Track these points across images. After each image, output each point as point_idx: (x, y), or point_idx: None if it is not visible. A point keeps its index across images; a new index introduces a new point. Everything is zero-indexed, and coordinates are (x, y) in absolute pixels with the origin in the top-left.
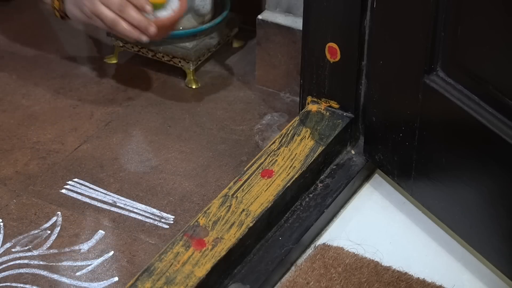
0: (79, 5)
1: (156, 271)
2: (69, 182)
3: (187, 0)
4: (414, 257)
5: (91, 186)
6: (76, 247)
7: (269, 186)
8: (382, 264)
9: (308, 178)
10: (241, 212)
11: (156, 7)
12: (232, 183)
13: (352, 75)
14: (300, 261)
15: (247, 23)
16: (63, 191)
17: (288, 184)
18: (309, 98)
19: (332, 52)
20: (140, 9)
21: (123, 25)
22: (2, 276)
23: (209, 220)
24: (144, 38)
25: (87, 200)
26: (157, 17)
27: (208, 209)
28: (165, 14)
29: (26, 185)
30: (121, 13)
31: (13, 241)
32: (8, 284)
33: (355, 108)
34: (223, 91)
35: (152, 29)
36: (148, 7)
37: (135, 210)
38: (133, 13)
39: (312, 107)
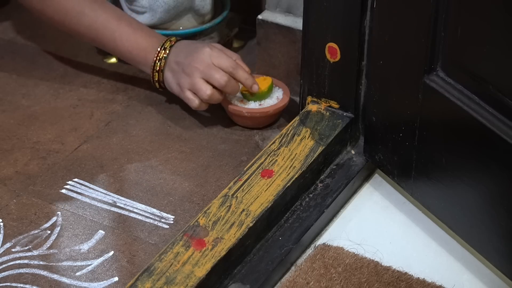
0: (177, 77)
1: (156, 271)
2: (69, 182)
3: (289, 92)
4: (414, 257)
5: (91, 186)
6: (76, 247)
7: (269, 186)
8: (382, 264)
9: (308, 178)
10: (241, 212)
11: (263, 94)
12: (232, 183)
13: (352, 75)
14: (300, 261)
15: (247, 23)
16: (63, 191)
17: (288, 184)
18: (309, 98)
19: (332, 52)
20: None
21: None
22: (2, 276)
23: (209, 220)
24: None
25: (87, 200)
26: (262, 105)
27: (208, 209)
28: (270, 102)
29: (26, 185)
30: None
31: (13, 241)
32: (8, 284)
33: (355, 108)
34: None
35: (256, 87)
36: (256, 87)
37: (135, 210)
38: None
39: (312, 107)
